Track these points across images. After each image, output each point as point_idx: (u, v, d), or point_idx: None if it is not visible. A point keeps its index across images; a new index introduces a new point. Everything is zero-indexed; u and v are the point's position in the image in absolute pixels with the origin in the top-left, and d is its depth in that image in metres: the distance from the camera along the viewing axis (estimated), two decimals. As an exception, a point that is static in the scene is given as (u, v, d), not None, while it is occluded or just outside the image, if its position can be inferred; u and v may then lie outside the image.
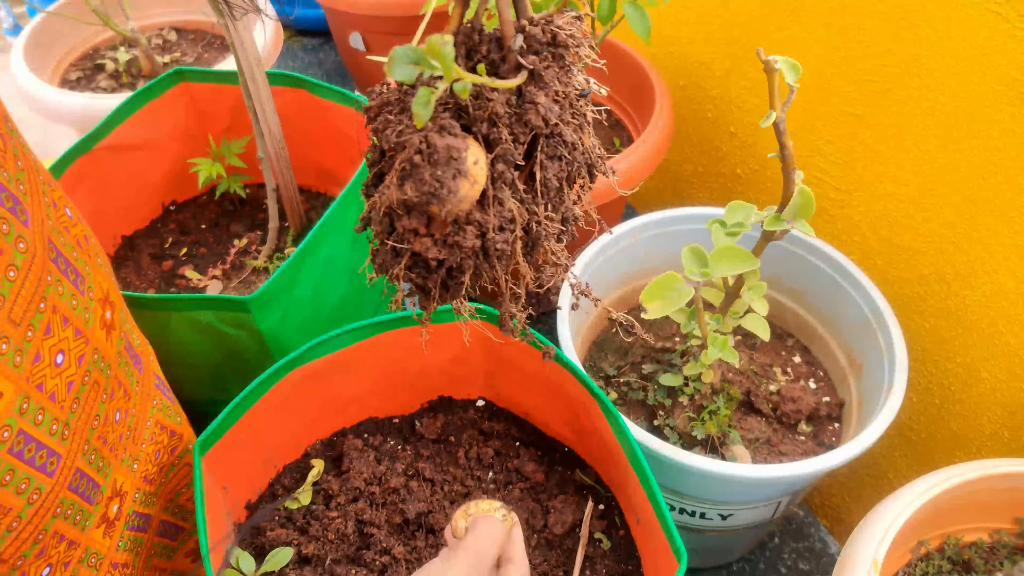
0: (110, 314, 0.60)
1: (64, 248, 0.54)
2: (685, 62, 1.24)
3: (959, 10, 0.82)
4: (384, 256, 0.43)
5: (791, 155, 0.65)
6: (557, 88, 0.43)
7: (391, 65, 0.38)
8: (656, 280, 0.72)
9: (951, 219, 0.91)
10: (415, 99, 0.39)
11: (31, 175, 0.53)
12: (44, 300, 0.50)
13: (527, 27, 0.43)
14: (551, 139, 0.44)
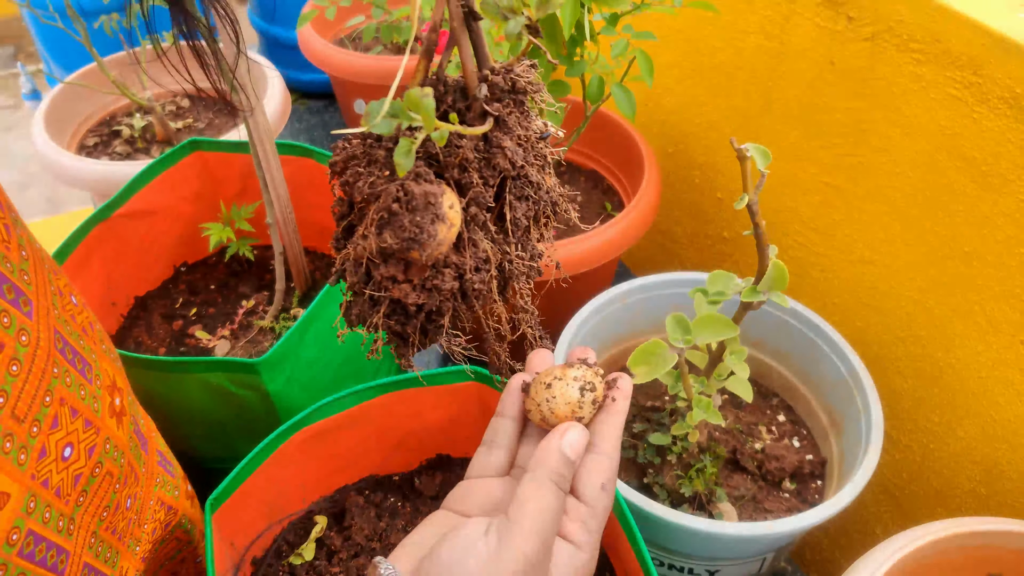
0: (119, 400, 0.59)
1: (71, 337, 0.53)
2: (673, 131, 1.30)
3: (922, 93, 0.88)
4: (360, 306, 0.45)
5: (764, 233, 0.71)
6: (520, 132, 0.47)
7: (369, 118, 0.41)
8: (642, 346, 0.77)
9: (922, 285, 0.97)
10: (397, 149, 0.41)
11: (37, 265, 0.52)
12: (50, 393, 0.48)
13: (490, 76, 0.46)
14: (518, 180, 0.47)
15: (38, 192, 2.55)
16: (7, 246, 0.47)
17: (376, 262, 0.43)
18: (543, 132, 0.48)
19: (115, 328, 1.18)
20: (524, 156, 0.46)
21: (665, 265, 1.47)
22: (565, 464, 0.44)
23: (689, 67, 1.21)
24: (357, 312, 0.46)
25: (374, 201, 0.43)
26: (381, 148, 0.45)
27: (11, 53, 3.28)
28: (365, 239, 0.43)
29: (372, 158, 0.45)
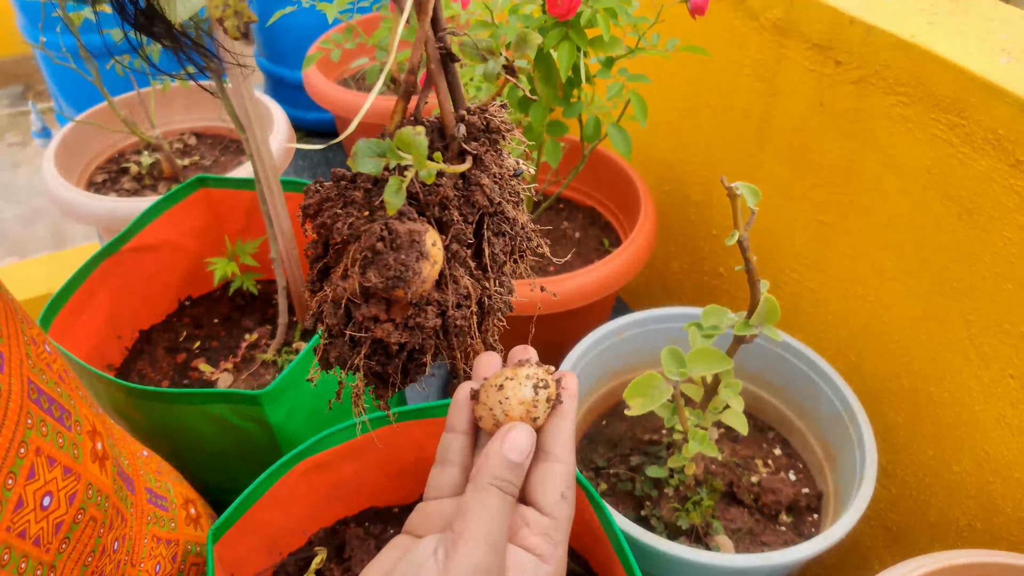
0: (100, 444, 0.58)
1: (47, 385, 0.53)
2: (668, 169, 1.33)
3: (908, 134, 0.91)
4: (340, 348, 0.45)
5: (755, 268, 0.73)
6: (495, 170, 0.47)
7: (357, 158, 0.42)
8: (637, 379, 0.79)
9: (914, 319, 0.98)
10: (387, 188, 0.41)
11: (9, 316, 0.52)
12: (25, 444, 0.48)
13: (466, 116, 0.47)
14: (495, 217, 0.47)
15: (44, 227, 2.58)
16: None
17: (357, 302, 0.43)
18: (516, 170, 0.49)
19: (119, 361, 1.19)
20: (500, 193, 0.47)
21: (663, 300, 1.49)
22: (507, 468, 0.42)
23: (684, 108, 1.25)
24: (336, 355, 0.45)
25: (354, 241, 0.43)
26: (356, 189, 0.45)
27: (20, 91, 3.33)
28: (345, 279, 0.43)
29: (348, 199, 0.45)
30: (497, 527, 0.41)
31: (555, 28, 0.85)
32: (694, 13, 0.88)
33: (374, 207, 0.44)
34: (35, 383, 0.51)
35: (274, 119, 1.42)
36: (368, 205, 0.44)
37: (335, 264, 0.45)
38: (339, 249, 0.45)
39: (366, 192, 0.45)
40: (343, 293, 0.43)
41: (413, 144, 0.41)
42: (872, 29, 0.91)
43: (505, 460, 0.42)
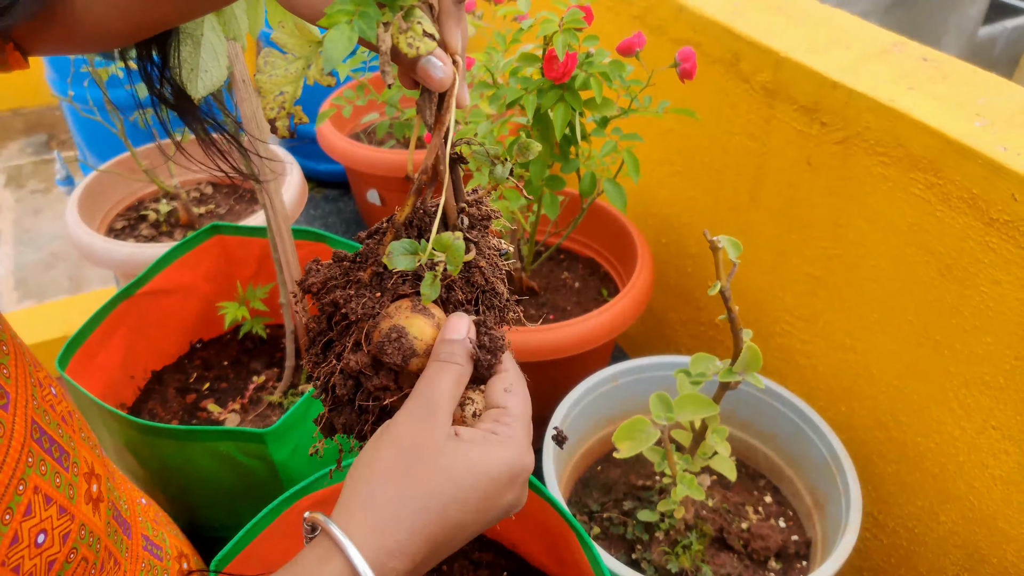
0: (96, 487, 0.60)
1: (49, 426, 0.55)
2: (666, 222, 1.38)
3: (889, 192, 0.95)
4: (347, 416, 0.49)
5: (737, 318, 0.76)
6: (487, 253, 0.53)
7: (393, 257, 0.48)
8: (626, 423, 0.82)
9: (900, 372, 1.01)
10: (423, 282, 0.48)
11: (18, 359, 0.54)
12: (24, 482, 0.50)
13: (467, 208, 0.53)
14: (486, 293, 0.52)
15: (62, 272, 2.65)
16: None
17: (368, 374, 0.47)
18: (501, 250, 0.55)
19: (132, 400, 1.23)
20: (492, 273, 0.53)
21: (661, 349, 1.52)
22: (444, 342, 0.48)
23: (680, 164, 1.30)
24: (344, 422, 0.49)
25: (368, 319, 0.48)
26: (361, 270, 0.50)
27: (44, 140, 3.44)
28: (356, 353, 0.48)
29: (352, 279, 0.50)
30: (432, 380, 0.46)
31: (552, 90, 0.91)
32: (683, 78, 0.93)
33: (385, 288, 0.49)
34: (38, 423, 0.54)
35: (288, 170, 1.48)
36: (378, 286, 0.49)
37: (339, 338, 0.50)
38: (345, 325, 0.49)
39: (374, 275, 0.50)
40: (356, 366, 0.47)
41: (452, 247, 0.48)
42: (854, 93, 0.96)
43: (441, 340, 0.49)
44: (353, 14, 0.40)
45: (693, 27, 1.17)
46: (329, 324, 0.51)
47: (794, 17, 1.13)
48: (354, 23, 0.40)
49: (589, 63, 0.91)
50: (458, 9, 0.46)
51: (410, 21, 0.42)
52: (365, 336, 0.48)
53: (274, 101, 0.46)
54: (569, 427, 1.06)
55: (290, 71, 0.45)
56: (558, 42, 0.86)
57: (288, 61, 0.45)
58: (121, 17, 0.53)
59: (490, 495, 0.46)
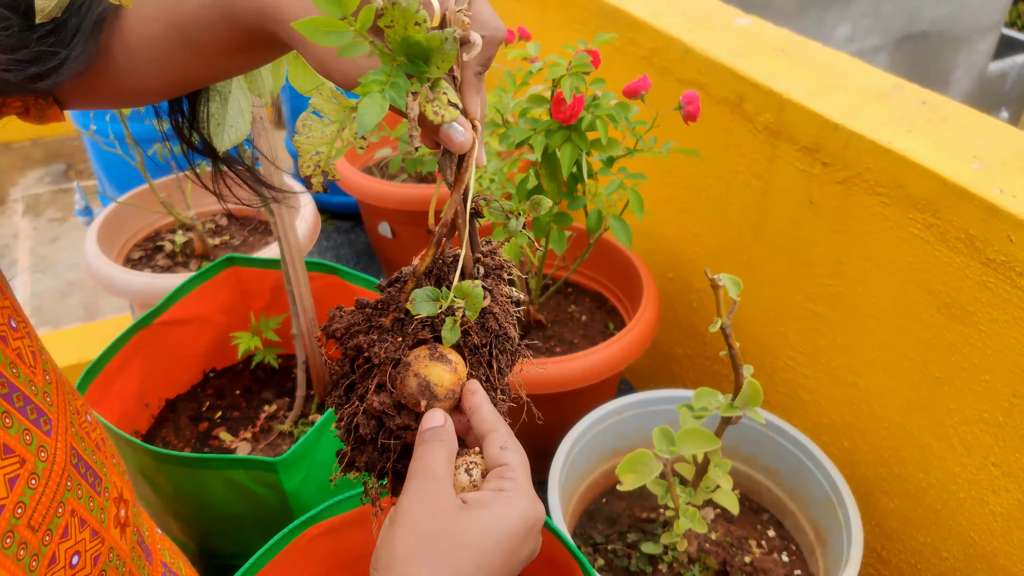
0: (124, 512, 0.63)
1: (85, 452, 0.58)
2: (672, 258, 1.40)
3: (889, 232, 0.97)
4: (369, 455, 0.52)
5: (738, 354, 0.78)
6: (501, 300, 0.56)
7: (416, 303, 0.52)
8: (629, 456, 0.84)
9: (902, 407, 1.03)
10: (444, 327, 0.52)
11: (59, 386, 0.57)
12: (63, 505, 0.52)
13: (482, 259, 0.56)
14: (499, 338, 0.56)
15: (77, 300, 2.69)
16: (33, 371, 0.54)
17: (390, 414, 0.51)
18: (514, 298, 0.58)
19: (145, 428, 1.26)
20: (505, 319, 0.56)
21: (667, 383, 1.54)
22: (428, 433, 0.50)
23: (685, 201, 1.32)
24: (366, 460, 0.53)
25: (392, 364, 0.52)
26: (384, 316, 0.54)
27: (62, 170, 3.51)
28: (380, 394, 0.51)
29: (375, 324, 0.54)
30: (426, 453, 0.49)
31: (559, 131, 0.94)
32: (687, 120, 0.96)
33: (406, 333, 0.53)
34: (76, 449, 0.56)
35: (301, 203, 1.51)
36: (400, 331, 0.53)
37: (361, 381, 0.53)
38: (367, 368, 0.53)
39: (398, 321, 0.53)
40: (380, 407, 0.51)
41: (471, 295, 0.52)
42: (854, 135, 0.99)
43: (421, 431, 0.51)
44: (385, 84, 0.43)
45: (698, 68, 1.20)
46: (352, 367, 0.54)
47: (797, 60, 1.16)
48: (386, 92, 0.43)
49: (596, 105, 0.94)
50: (478, 80, 0.50)
51: (436, 91, 0.46)
52: (388, 379, 0.51)
53: (311, 160, 0.49)
54: (575, 460, 1.07)
55: (326, 133, 0.49)
56: (566, 85, 0.89)
57: (324, 124, 0.49)
58: (159, 76, 0.57)
59: (512, 551, 0.48)
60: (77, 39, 0.52)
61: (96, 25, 0.53)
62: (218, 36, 0.51)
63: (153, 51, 0.54)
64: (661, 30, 1.26)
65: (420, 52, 0.45)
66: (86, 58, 0.53)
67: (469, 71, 0.49)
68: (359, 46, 0.44)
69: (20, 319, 0.58)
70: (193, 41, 0.52)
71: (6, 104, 0.58)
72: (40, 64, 0.51)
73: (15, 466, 0.49)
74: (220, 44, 0.52)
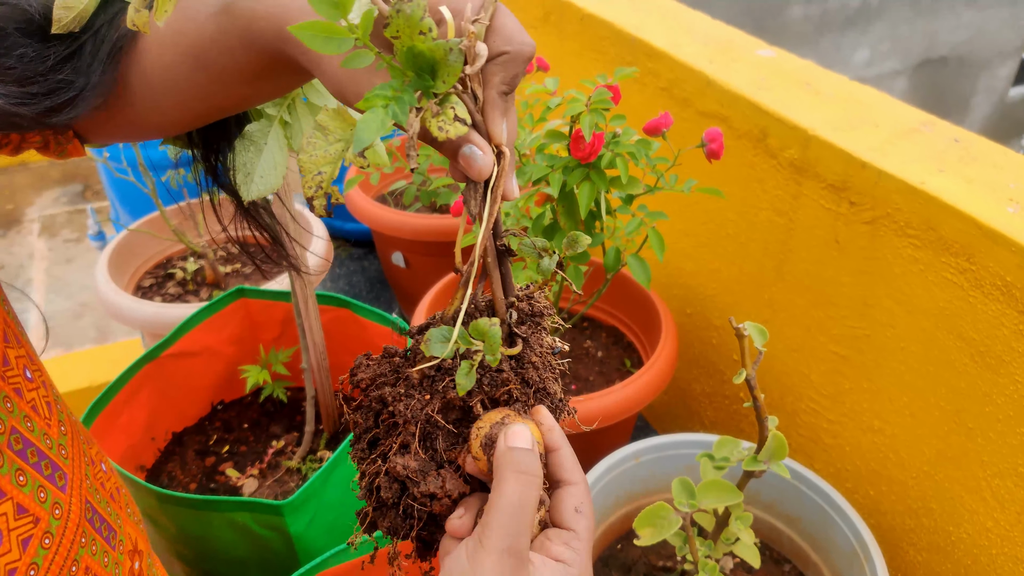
0: (138, 564, 0.61)
1: (99, 504, 0.56)
2: (692, 293, 1.37)
3: (920, 275, 0.94)
4: (392, 520, 0.48)
5: (762, 406, 0.75)
6: (539, 350, 0.52)
7: (430, 344, 0.47)
8: (648, 508, 0.80)
9: (931, 457, 0.99)
10: (459, 371, 0.47)
11: (74, 437, 0.56)
12: (77, 563, 0.51)
13: (516, 303, 0.52)
14: (539, 392, 0.51)
15: (89, 322, 2.68)
16: (48, 423, 0.52)
17: (415, 479, 0.47)
18: (554, 347, 0.54)
19: (151, 462, 1.23)
20: (544, 370, 0.51)
21: (685, 421, 1.50)
22: (520, 454, 0.45)
23: (706, 236, 1.29)
24: (389, 525, 0.48)
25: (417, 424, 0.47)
26: (410, 367, 0.50)
27: (79, 191, 3.52)
28: (403, 456, 0.47)
29: (401, 376, 0.49)
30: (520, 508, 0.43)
31: (578, 169, 0.91)
32: (710, 158, 0.93)
33: (435, 391, 0.48)
34: (91, 502, 0.55)
35: (314, 232, 1.49)
36: (429, 388, 0.49)
37: (385, 437, 0.49)
38: (392, 424, 0.48)
39: (427, 377, 0.49)
40: (404, 472, 0.46)
41: (488, 334, 0.47)
42: (883, 174, 0.96)
43: (512, 449, 0.45)
44: (390, 99, 0.40)
45: (720, 101, 1.18)
46: (376, 421, 0.50)
47: (821, 93, 1.13)
48: (389, 107, 0.40)
49: (616, 143, 0.91)
50: (503, 100, 0.45)
51: (443, 107, 0.42)
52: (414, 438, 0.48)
53: (313, 180, 0.47)
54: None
55: (329, 152, 0.46)
56: (585, 122, 0.86)
57: (328, 143, 0.46)
58: (179, 106, 0.55)
59: None
60: (94, 68, 0.50)
61: (113, 53, 0.51)
62: (237, 62, 0.49)
63: (172, 80, 0.52)
64: (681, 60, 1.24)
65: (425, 64, 0.41)
66: (103, 89, 0.51)
67: (492, 90, 0.45)
68: (363, 56, 0.41)
69: (35, 368, 0.56)
70: (212, 68, 0.50)
71: (25, 139, 0.56)
72: (55, 96, 0.49)
73: (29, 526, 0.47)
74: (240, 70, 0.50)
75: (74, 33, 0.51)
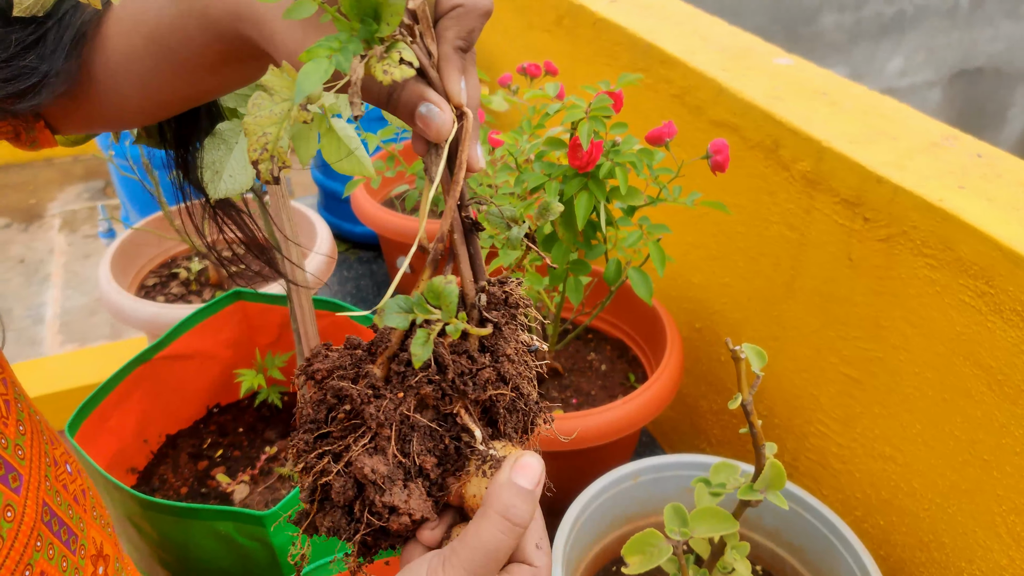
0: (103, 569, 0.60)
1: (60, 508, 0.55)
2: (700, 307, 1.32)
3: (937, 297, 0.89)
4: (335, 519, 0.44)
5: (759, 433, 0.71)
6: (514, 344, 0.48)
7: (384, 314, 0.44)
8: (637, 536, 0.76)
9: (944, 489, 0.94)
10: (414, 340, 0.43)
11: (34, 437, 0.54)
12: (31, 567, 0.50)
13: (487, 287, 0.48)
14: (513, 391, 0.47)
15: (104, 318, 2.69)
16: (4, 422, 0.51)
17: (381, 486, 0.43)
18: (531, 345, 0.50)
19: (143, 464, 1.21)
20: (516, 369, 0.47)
21: (691, 438, 1.45)
22: (517, 498, 0.42)
23: (715, 248, 1.25)
24: (331, 525, 0.45)
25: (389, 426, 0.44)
26: (371, 362, 0.46)
27: (101, 187, 3.54)
28: (372, 457, 0.43)
29: (362, 372, 0.46)
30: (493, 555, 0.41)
31: (576, 178, 0.87)
32: (715, 170, 0.89)
33: (408, 387, 0.45)
34: (49, 505, 0.53)
35: (318, 234, 1.47)
36: (401, 386, 0.45)
37: (340, 436, 0.45)
38: (351, 425, 0.45)
39: (397, 374, 0.45)
40: (371, 475, 0.43)
41: (444, 293, 0.44)
42: (899, 190, 0.91)
43: (515, 487, 0.42)
44: (335, 50, 0.39)
45: (732, 110, 1.14)
46: (327, 416, 0.46)
47: (839, 104, 1.09)
48: (333, 57, 0.39)
49: (616, 152, 0.88)
50: (459, 57, 0.43)
51: (389, 52, 0.41)
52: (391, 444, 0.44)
53: (257, 142, 0.44)
54: (585, 523, 1.00)
55: (275, 112, 0.44)
56: (582, 130, 0.83)
57: (274, 102, 0.44)
58: (143, 95, 0.54)
59: None
60: (57, 54, 0.50)
61: (77, 39, 0.51)
62: (197, 48, 0.49)
63: (134, 67, 0.52)
64: (694, 68, 1.20)
65: (369, 8, 0.40)
66: (67, 76, 0.51)
67: (447, 45, 0.43)
68: (305, 5, 0.39)
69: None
70: (173, 54, 0.50)
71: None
72: (18, 83, 0.49)
73: None
74: (201, 55, 0.50)
75: (38, 19, 0.51)
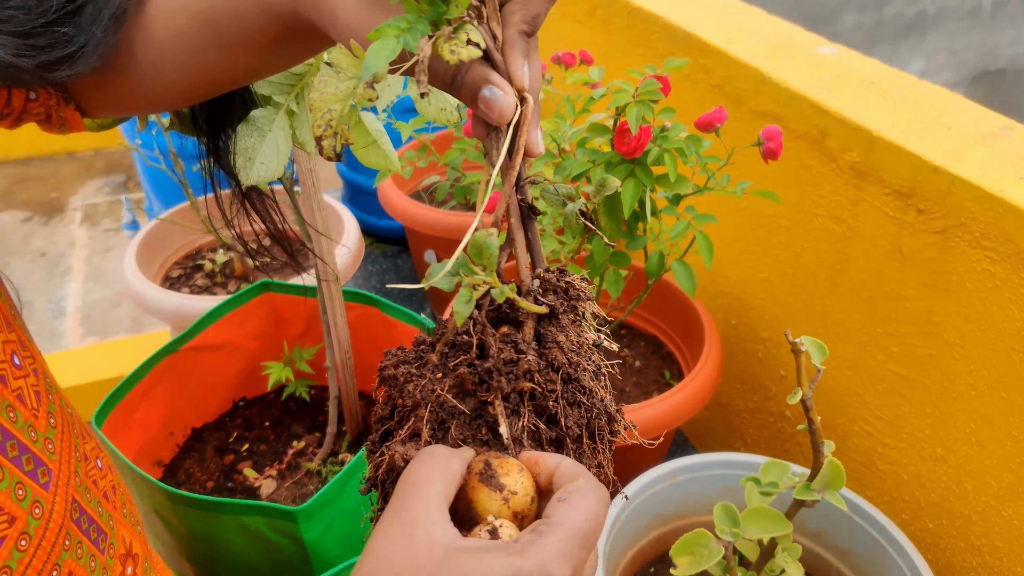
0: (132, 569, 0.58)
1: (89, 504, 0.54)
2: (738, 303, 1.29)
3: (996, 292, 0.86)
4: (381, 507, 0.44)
5: (818, 429, 0.68)
6: (573, 337, 0.46)
7: (430, 277, 0.43)
8: (686, 536, 0.73)
9: (999, 491, 0.90)
10: (457, 298, 0.43)
11: (66, 431, 0.53)
12: (58, 567, 0.48)
13: (542, 273, 0.47)
14: (569, 384, 0.44)
15: (125, 311, 2.68)
16: (35, 414, 0.49)
17: None
18: (596, 340, 0.47)
19: (169, 457, 1.19)
20: (577, 360, 0.45)
21: (726, 437, 1.42)
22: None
23: (755, 242, 1.22)
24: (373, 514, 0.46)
25: (424, 406, 0.43)
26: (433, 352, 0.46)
27: (122, 181, 3.54)
28: (406, 445, 0.43)
29: (423, 361, 0.46)
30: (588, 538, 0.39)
31: (622, 164, 0.85)
32: (767, 157, 0.86)
33: (447, 368, 0.44)
34: (79, 502, 0.51)
35: (345, 227, 1.45)
36: (442, 366, 0.45)
37: (397, 427, 0.45)
38: (405, 411, 0.45)
39: (443, 355, 0.45)
40: (400, 463, 0.42)
41: (484, 246, 0.43)
42: (957, 180, 0.88)
43: None
44: (404, 30, 0.39)
45: (776, 100, 1.10)
46: (391, 411, 0.46)
47: (888, 94, 1.05)
48: (401, 37, 0.39)
49: (664, 137, 0.85)
50: (523, 41, 0.43)
51: (457, 33, 0.41)
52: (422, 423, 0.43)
53: (322, 119, 0.46)
54: (622, 525, 0.97)
55: (340, 89, 0.45)
56: (631, 114, 0.80)
57: (340, 80, 0.45)
58: (185, 75, 0.53)
59: None
60: (96, 26, 0.49)
61: (117, 15, 0.49)
62: (249, 27, 0.48)
63: (178, 47, 0.51)
64: (735, 57, 1.16)
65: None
66: (104, 50, 0.49)
67: (512, 29, 0.43)
68: None
69: (27, 354, 0.52)
70: (222, 34, 0.49)
71: (27, 111, 0.54)
72: (55, 50, 0.47)
73: (3, 526, 0.44)
74: (251, 37, 0.48)
75: None
